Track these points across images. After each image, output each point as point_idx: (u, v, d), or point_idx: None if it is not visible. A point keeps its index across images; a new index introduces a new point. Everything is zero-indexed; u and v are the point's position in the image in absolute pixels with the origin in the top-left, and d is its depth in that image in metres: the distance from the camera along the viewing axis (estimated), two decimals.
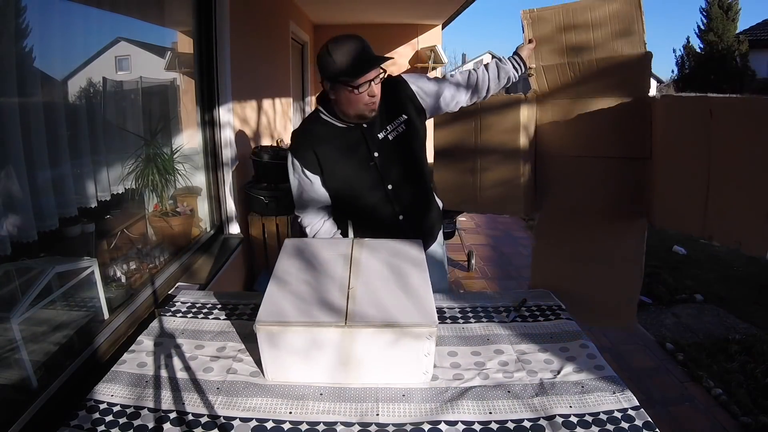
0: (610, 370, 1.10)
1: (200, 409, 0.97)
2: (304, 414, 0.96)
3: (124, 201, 1.95)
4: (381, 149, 1.41)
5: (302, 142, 1.43)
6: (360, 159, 1.41)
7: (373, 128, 1.40)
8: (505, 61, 1.59)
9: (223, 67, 2.52)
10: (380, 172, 1.43)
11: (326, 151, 1.40)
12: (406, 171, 1.47)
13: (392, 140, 1.41)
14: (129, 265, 1.91)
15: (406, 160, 1.46)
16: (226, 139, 2.59)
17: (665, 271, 3.75)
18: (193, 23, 2.40)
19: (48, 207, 1.40)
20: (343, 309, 1.06)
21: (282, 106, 4.20)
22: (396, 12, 5.63)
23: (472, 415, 0.96)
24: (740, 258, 4.28)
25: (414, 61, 6.51)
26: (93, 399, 1.00)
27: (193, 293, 1.51)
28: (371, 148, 1.41)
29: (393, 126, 1.42)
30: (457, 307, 1.40)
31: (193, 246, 2.35)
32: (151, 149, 2.06)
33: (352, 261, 1.23)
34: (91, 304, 1.55)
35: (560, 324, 1.31)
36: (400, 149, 1.43)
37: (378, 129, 1.41)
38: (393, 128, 1.42)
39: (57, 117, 1.49)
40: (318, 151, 1.40)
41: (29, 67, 1.38)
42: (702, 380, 2.32)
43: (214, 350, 1.18)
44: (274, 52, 3.93)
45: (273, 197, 2.89)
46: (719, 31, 13.31)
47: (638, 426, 0.92)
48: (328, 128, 1.41)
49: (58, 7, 1.54)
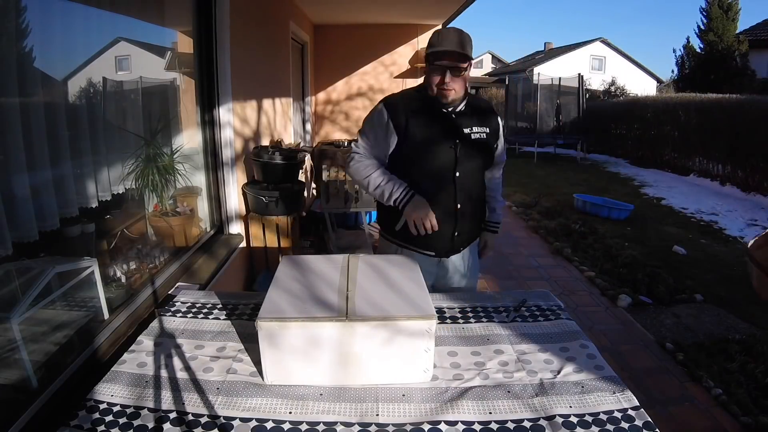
0: (610, 370, 1.10)
1: (200, 409, 0.97)
2: (304, 414, 0.97)
3: (124, 201, 1.95)
4: (463, 140, 1.54)
5: (399, 101, 1.57)
6: (444, 137, 1.54)
7: (462, 120, 1.55)
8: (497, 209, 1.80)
9: (223, 67, 2.52)
10: (456, 158, 1.54)
11: (416, 120, 1.52)
12: (475, 170, 1.61)
13: (473, 140, 1.56)
14: (129, 265, 1.90)
15: (478, 161, 1.61)
16: (226, 139, 2.59)
17: (665, 271, 3.75)
18: (193, 23, 2.40)
19: (48, 207, 1.40)
20: (342, 308, 1.06)
21: (282, 106, 4.20)
22: (396, 12, 5.63)
23: (472, 415, 0.96)
24: (740, 258, 4.28)
25: (414, 61, 6.51)
26: (93, 399, 1.00)
27: (193, 293, 1.51)
28: (457, 134, 1.54)
29: (478, 130, 1.57)
30: (457, 307, 1.40)
31: (193, 246, 2.35)
32: (151, 149, 2.06)
33: (349, 270, 1.26)
34: (91, 304, 1.54)
35: (560, 324, 1.31)
36: (477, 150, 1.58)
37: (466, 124, 1.55)
38: (477, 132, 1.57)
39: (57, 117, 1.49)
40: (409, 116, 1.52)
41: (29, 67, 1.38)
42: (702, 380, 2.32)
43: (214, 350, 1.18)
44: (274, 52, 3.93)
45: (273, 197, 2.89)
46: (719, 31, 13.32)
47: (638, 426, 0.92)
48: (425, 102, 1.55)
49: (58, 7, 1.54)
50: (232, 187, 2.70)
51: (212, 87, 2.50)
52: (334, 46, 6.37)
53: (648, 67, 23.60)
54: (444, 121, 1.54)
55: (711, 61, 13.27)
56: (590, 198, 5.81)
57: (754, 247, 1.25)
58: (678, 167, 8.44)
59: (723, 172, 7.38)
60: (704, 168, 7.87)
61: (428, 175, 1.54)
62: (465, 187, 1.57)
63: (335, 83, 6.59)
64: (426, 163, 1.54)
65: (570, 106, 10.76)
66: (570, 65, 19.63)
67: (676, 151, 8.62)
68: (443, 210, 1.54)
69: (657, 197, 6.71)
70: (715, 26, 13.42)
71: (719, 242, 4.77)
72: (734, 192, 6.86)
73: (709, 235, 5.02)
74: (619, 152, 10.41)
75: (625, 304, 3.20)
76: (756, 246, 1.27)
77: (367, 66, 6.55)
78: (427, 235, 1.50)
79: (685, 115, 8.33)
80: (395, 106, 1.54)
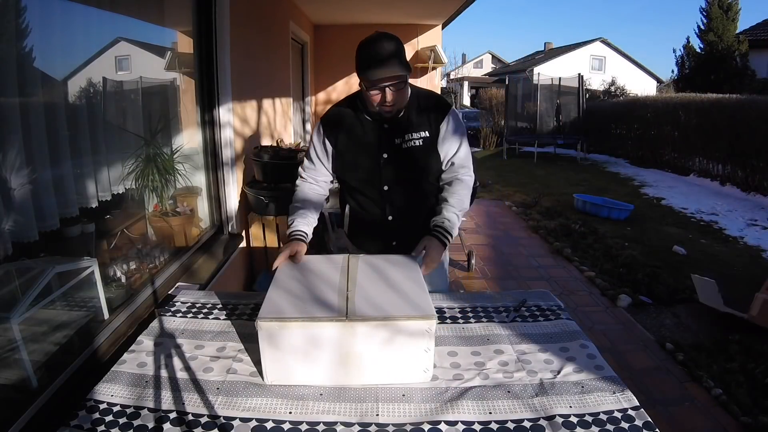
0: (610, 370, 1.10)
1: (200, 409, 0.97)
2: (304, 414, 0.97)
3: (124, 201, 1.95)
4: (391, 153, 1.47)
5: (333, 117, 1.53)
6: (369, 155, 1.49)
7: (393, 132, 1.47)
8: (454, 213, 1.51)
9: (223, 67, 2.52)
10: (381, 173, 1.49)
11: (345, 136, 1.49)
12: (407, 179, 1.52)
13: (405, 149, 1.47)
14: (129, 265, 1.90)
15: (410, 169, 1.50)
16: (226, 139, 2.59)
17: (665, 271, 3.75)
18: (193, 23, 2.40)
19: (48, 207, 1.40)
20: (342, 308, 1.06)
21: (282, 106, 4.20)
22: (396, 12, 5.63)
23: (472, 415, 0.96)
24: (740, 258, 4.29)
25: (414, 61, 6.51)
26: (93, 399, 1.00)
27: (193, 293, 1.51)
28: (382, 149, 1.47)
29: (411, 137, 1.47)
30: (457, 307, 1.40)
31: (193, 246, 2.35)
32: (151, 149, 2.06)
33: (349, 271, 1.26)
34: (91, 304, 1.54)
35: (560, 324, 1.31)
36: (408, 159, 1.48)
37: (398, 134, 1.47)
38: (410, 138, 1.47)
39: (57, 117, 1.49)
40: (340, 132, 1.50)
41: (29, 67, 1.38)
42: (702, 380, 2.32)
43: (214, 350, 1.18)
44: (274, 52, 3.93)
45: (273, 197, 2.89)
46: (719, 31, 13.32)
47: (638, 426, 0.92)
48: (356, 115, 1.48)
49: (58, 7, 1.54)
50: (232, 187, 2.70)
51: (212, 87, 2.50)
52: (334, 46, 6.37)
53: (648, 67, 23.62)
54: (372, 134, 1.47)
55: (711, 61, 13.27)
56: (590, 198, 5.81)
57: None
58: (678, 167, 8.45)
59: (723, 172, 7.37)
60: (704, 168, 7.87)
61: (357, 190, 1.55)
62: (394, 199, 1.51)
63: (335, 83, 6.59)
64: (352, 178, 1.54)
65: (570, 106, 10.75)
66: (570, 65, 19.63)
67: (676, 151, 8.61)
68: (376, 222, 1.55)
69: (657, 197, 6.71)
70: (715, 26, 13.43)
71: (719, 242, 4.76)
72: (734, 192, 6.86)
73: (709, 235, 5.01)
74: (619, 152, 10.41)
75: (625, 304, 3.20)
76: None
77: None
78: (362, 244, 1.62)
79: (685, 115, 8.33)
80: (329, 123, 1.52)
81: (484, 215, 5.55)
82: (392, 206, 1.53)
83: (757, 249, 4.55)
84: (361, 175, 1.52)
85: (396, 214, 1.54)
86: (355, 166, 1.51)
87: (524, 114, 11.49)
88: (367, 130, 1.48)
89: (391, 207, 1.53)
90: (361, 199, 1.56)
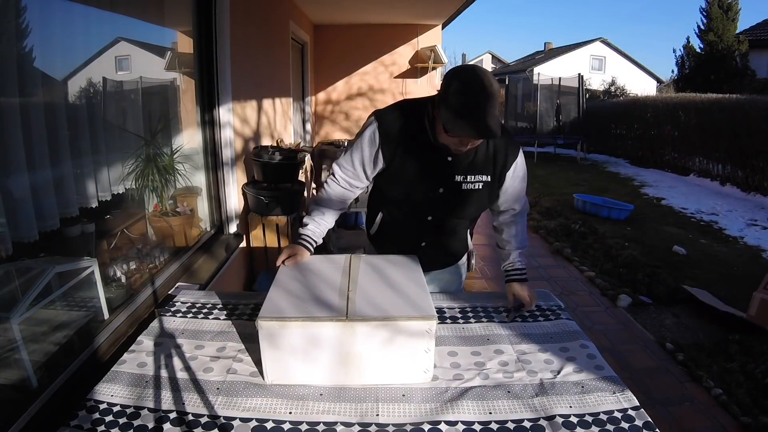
0: (610, 370, 1.10)
1: (200, 409, 0.97)
2: (304, 414, 0.97)
3: (124, 201, 1.95)
4: (447, 189, 1.35)
5: (394, 126, 1.33)
6: (424, 185, 1.35)
7: (456, 167, 1.32)
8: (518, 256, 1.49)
9: (223, 67, 2.52)
10: (432, 204, 1.38)
11: (403, 155, 1.33)
12: (454, 216, 1.43)
13: (464, 189, 1.35)
14: (129, 265, 1.90)
15: (461, 209, 1.41)
16: (226, 139, 2.59)
17: (665, 271, 3.75)
18: (193, 23, 2.40)
19: (48, 207, 1.40)
20: (343, 308, 1.06)
21: (282, 105, 4.20)
22: (396, 12, 5.63)
23: (472, 415, 0.96)
24: (740, 258, 4.29)
25: (414, 61, 6.51)
26: (93, 399, 1.00)
27: (193, 293, 1.51)
28: (440, 183, 1.34)
29: (474, 179, 1.34)
30: (457, 307, 1.40)
31: (193, 246, 2.35)
32: (151, 149, 2.06)
33: (350, 271, 1.26)
34: (91, 304, 1.54)
35: (560, 324, 1.31)
36: (462, 199, 1.37)
37: (460, 171, 1.32)
38: (473, 181, 1.34)
39: (57, 117, 1.49)
40: (398, 148, 1.33)
41: (29, 67, 1.38)
42: (702, 380, 2.32)
43: (214, 350, 1.18)
44: (274, 51, 3.93)
45: (273, 197, 2.89)
46: (719, 31, 13.32)
47: (638, 426, 0.92)
48: (421, 135, 1.29)
49: (58, 7, 1.54)
50: (232, 187, 2.70)
51: (212, 87, 2.50)
52: (334, 46, 6.37)
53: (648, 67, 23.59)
54: (433, 164, 1.31)
55: (711, 61, 13.28)
56: (590, 198, 5.81)
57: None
58: (678, 167, 8.45)
59: (723, 172, 7.37)
60: (704, 168, 7.87)
61: (397, 207, 1.45)
62: (436, 230, 1.45)
63: (335, 83, 6.59)
64: (396, 199, 1.42)
65: (570, 106, 10.75)
66: (570, 65, 19.62)
67: (676, 151, 8.62)
68: (405, 243, 1.47)
69: (657, 197, 6.71)
70: (715, 26, 13.43)
71: (719, 242, 4.77)
72: (734, 192, 6.86)
73: (709, 235, 5.01)
74: (619, 152, 10.41)
75: (625, 304, 3.20)
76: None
77: (367, 66, 6.55)
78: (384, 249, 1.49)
79: (685, 115, 8.33)
80: (389, 132, 1.32)
81: (484, 215, 5.54)
82: (430, 234, 1.47)
83: (757, 249, 4.55)
84: (409, 200, 1.40)
85: (431, 241, 1.48)
86: (404, 191, 1.38)
87: (524, 114, 11.49)
88: (429, 157, 1.31)
89: (428, 235, 1.47)
90: (397, 216, 1.47)
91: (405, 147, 1.32)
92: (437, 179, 1.34)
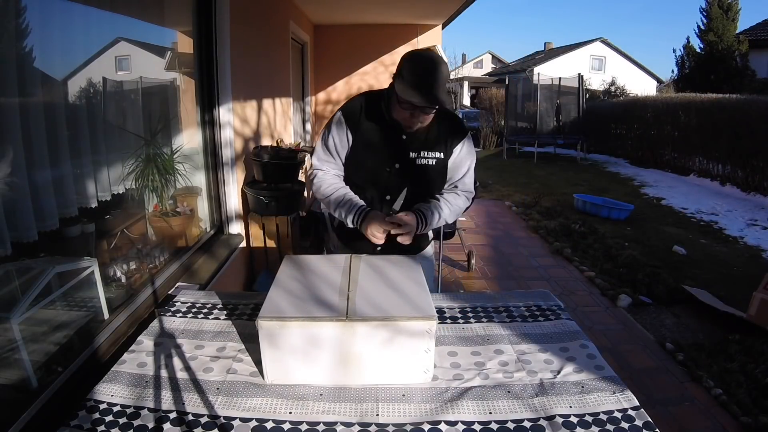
0: (610, 370, 1.10)
1: (200, 409, 0.97)
2: (304, 414, 0.97)
3: (124, 201, 1.95)
4: (403, 164, 1.46)
5: (355, 110, 1.48)
6: (381, 160, 1.47)
7: (410, 144, 1.45)
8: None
9: (223, 67, 2.52)
10: (389, 180, 1.48)
11: (363, 133, 1.47)
12: (412, 192, 1.51)
13: (418, 164, 1.46)
14: (129, 265, 1.90)
15: (418, 184, 1.50)
16: (226, 139, 2.59)
17: (665, 271, 3.76)
18: (193, 23, 2.40)
19: (48, 207, 1.40)
20: (343, 308, 1.06)
21: (282, 105, 4.20)
22: (396, 12, 5.63)
23: (472, 415, 0.96)
24: (740, 258, 4.29)
25: None
26: (93, 399, 1.00)
27: (193, 293, 1.51)
28: (395, 158, 1.46)
29: (427, 155, 1.46)
30: (457, 307, 1.40)
31: (193, 246, 2.35)
32: (151, 149, 2.06)
33: (351, 271, 1.26)
34: (91, 304, 1.54)
35: (560, 324, 1.31)
36: (418, 174, 1.48)
37: (414, 148, 1.46)
38: (426, 157, 1.46)
39: (57, 117, 1.49)
40: (359, 127, 1.47)
41: (29, 67, 1.38)
42: (702, 380, 2.32)
43: (214, 350, 1.18)
44: (274, 52, 3.93)
45: (273, 197, 2.89)
46: (719, 31, 13.32)
47: (638, 426, 0.92)
48: (378, 115, 1.46)
49: (58, 7, 1.54)
50: (232, 187, 2.70)
51: (212, 87, 2.50)
52: (334, 46, 6.36)
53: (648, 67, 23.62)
54: (389, 140, 1.45)
55: (711, 61, 13.28)
56: (590, 198, 5.81)
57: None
58: (678, 167, 8.45)
59: (723, 172, 7.38)
60: (704, 168, 7.87)
61: (358, 190, 1.51)
62: (395, 209, 1.51)
63: (335, 83, 6.59)
64: (358, 178, 1.51)
65: (570, 106, 10.75)
66: (570, 65, 19.63)
67: (676, 151, 8.62)
68: None
69: (657, 197, 6.71)
70: (715, 26, 13.43)
71: (719, 242, 4.77)
72: (734, 192, 6.86)
73: (709, 235, 5.02)
74: (619, 152, 10.42)
75: (625, 304, 3.20)
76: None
77: (367, 66, 6.55)
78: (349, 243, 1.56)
79: (685, 115, 8.33)
80: (351, 115, 1.48)
81: (484, 215, 5.55)
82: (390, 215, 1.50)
83: (757, 249, 4.56)
84: (368, 177, 1.50)
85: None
86: (364, 167, 1.49)
87: (524, 114, 11.49)
88: (385, 134, 1.46)
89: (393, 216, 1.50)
90: (362, 197, 1.53)
91: (364, 126, 1.47)
92: (393, 155, 1.46)
